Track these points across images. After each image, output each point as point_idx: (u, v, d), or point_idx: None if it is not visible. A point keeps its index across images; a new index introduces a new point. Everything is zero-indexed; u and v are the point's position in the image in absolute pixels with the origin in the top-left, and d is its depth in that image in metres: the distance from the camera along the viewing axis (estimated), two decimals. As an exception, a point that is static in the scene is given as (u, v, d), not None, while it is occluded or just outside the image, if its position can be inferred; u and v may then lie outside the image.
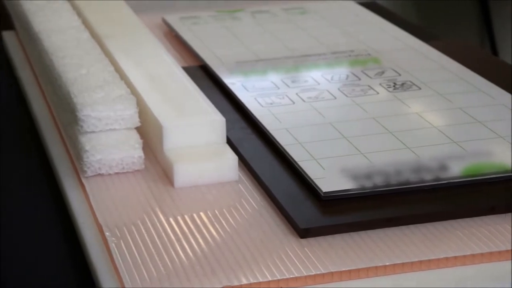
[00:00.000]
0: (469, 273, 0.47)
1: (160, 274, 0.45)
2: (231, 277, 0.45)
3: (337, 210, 0.51)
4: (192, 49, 0.75)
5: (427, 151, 0.56)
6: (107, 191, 0.54)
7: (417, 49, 0.74)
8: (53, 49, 0.64)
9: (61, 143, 0.61)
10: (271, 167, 0.56)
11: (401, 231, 0.49)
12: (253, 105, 0.63)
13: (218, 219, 0.50)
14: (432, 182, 0.53)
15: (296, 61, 0.71)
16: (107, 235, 0.49)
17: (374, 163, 0.55)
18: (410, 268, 0.47)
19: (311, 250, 0.47)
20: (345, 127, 0.59)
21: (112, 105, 0.55)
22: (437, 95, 0.65)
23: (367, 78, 0.68)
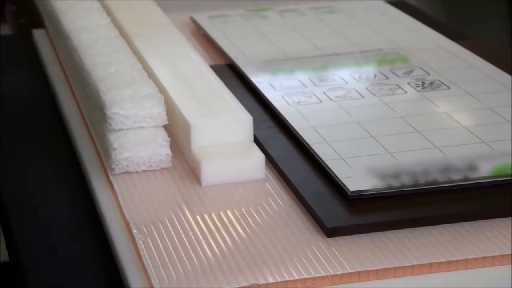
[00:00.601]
0: (498, 273, 0.46)
1: (187, 272, 0.45)
2: (257, 276, 0.45)
3: (364, 209, 0.50)
4: (220, 48, 0.74)
5: (456, 151, 0.55)
6: (135, 188, 0.54)
7: (446, 48, 0.73)
8: (82, 47, 0.65)
9: (89, 140, 0.61)
10: (298, 166, 0.56)
11: (429, 231, 0.49)
12: (280, 103, 0.63)
13: (244, 218, 0.50)
14: (461, 182, 0.52)
15: (324, 60, 0.71)
16: (134, 233, 0.49)
17: (401, 162, 0.54)
18: (438, 268, 0.46)
19: (338, 249, 0.47)
20: (372, 126, 0.59)
21: (140, 103, 0.55)
22: (466, 94, 0.64)
23: (395, 77, 0.67)
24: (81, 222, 0.53)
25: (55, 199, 0.56)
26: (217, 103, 0.58)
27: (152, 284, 0.45)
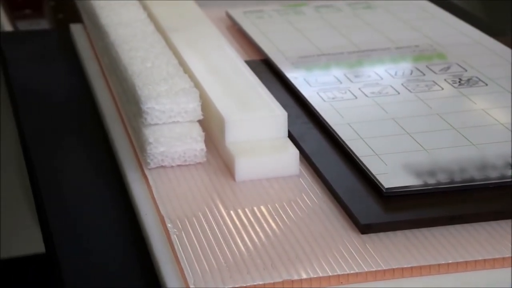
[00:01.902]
0: (534, 273, 0.45)
1: (220, 266, 0.45)
2: (291, 271, 0.45)
3: (399, 206, 0.50)
4: (255, 43, 0.74)
5: (493, 148, 0.55)
6: (169, 183, 0.54)
7: (484, 45, 0.72)
8: (119, 41, 0.65)
9: (125, 134, 0.61)
10: (332, 162, 0.55)
11: (465, 229, 0.48)
12: (315, 99, 0.63)
13: (278, 213, 0.50)
14: (498, 180, 0.52)
15: (359, 55, 0.71)
16: (169, 227, 0.49)
17: (437, 159, 0.54)
18: (474, 267, 0.46)
19: (372, 246, 0.47)
20: (408, 123, 0.59)
21: (176, 98, 0.56)
22: (504, 91, 0.63)
23: (432, 74, 0.67)
24: (116, 215, 0.54)
25: (91, 192, 0.56)
26: (252, 99, 0.58)
27: (186, 278, 0.45)
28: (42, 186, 0.57)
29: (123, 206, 0.54)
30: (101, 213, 0.54)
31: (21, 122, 0.67)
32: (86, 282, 0.47)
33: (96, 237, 0.51)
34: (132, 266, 0.49)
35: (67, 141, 0.64)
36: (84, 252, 0.50)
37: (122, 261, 0.49)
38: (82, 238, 0.51)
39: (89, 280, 0.47)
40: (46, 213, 0.54)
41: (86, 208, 0.55)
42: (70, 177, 0.58)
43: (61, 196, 0.56)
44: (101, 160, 0.60)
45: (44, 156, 0.62)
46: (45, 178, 0.58)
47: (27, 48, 0.81)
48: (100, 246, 0.50)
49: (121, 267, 0.49)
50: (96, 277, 0.48)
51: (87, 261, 0.49)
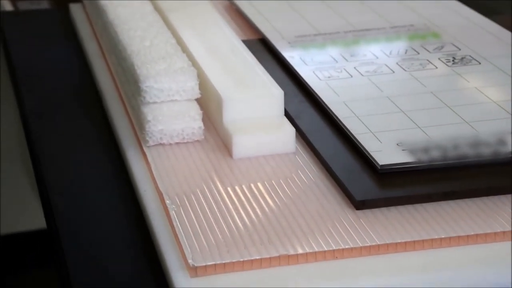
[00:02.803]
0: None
1: (218, 241, 0.46)
2: (287, 246, 0.45)
3: (394, 183, 0.50)
4: (252, 23, 0.74)
5: (486, 126, 0.55)
6: (168, 160, 0.54)
7: (478, 24, 0.72)
8: (118, 21, 0.65)
9: (124, 113, 0.61)
10: (328, 140, 0.55)
11: (458, 205, 0.48)
12: (311, 78, 0.63)
13: (275, 190, 0.50)
14: (490, 157, 0.52)
15: (355, 35, 0.71)
16: (167, 203, 0.49)
17: (431, 137, 0.54)
18: (466, 241, 0.46)
19: (367, 221, 0.47)
20: (402, 101, 0.59)
21: (174, 77, 0.56)
22: (497, 70, 0.63)
23: (426, 53, 0.66)
24: (115, 192, 0.54)
25: (91, 169, 0.57)
26: (249, 78, 0.58)
27: (184, 253, 0.45)
28: (43, 163, 0.57)
29: (122, 183, 0.54)
30: (101, 190, 0.54)
31: (22, 101, 0.67)
32: (86, 258, 0.48)
33: (96, 213, 0.52)
34: (131, 242, 0.49)
35: (67, 119, 0.64)
36: (85, 228, 0.50)
37: (122, 236, 0.49)
38: (83, 215, 0.51)
39: (89, 256, 0.48)
40: (47, 190, 0.55)
41: (86, 185, 0.55)
42: (71, 155, 0.58)
43: (62, 174, 0.56)
44: (101, 138, 0.60)
45: (44, 134, 0.61)
46: (46, 156, 0.58)
47: (28, 27, 0.81)
48: (100, 223, 0.51)
49: (121, 242, 0.49)
50: (96, 253, 0.48)
51: (87, 238, 0.49)
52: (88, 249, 0.48)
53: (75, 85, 0.69)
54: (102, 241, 0.49)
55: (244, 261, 0.44)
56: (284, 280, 0.44)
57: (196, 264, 0.44)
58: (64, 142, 0.60)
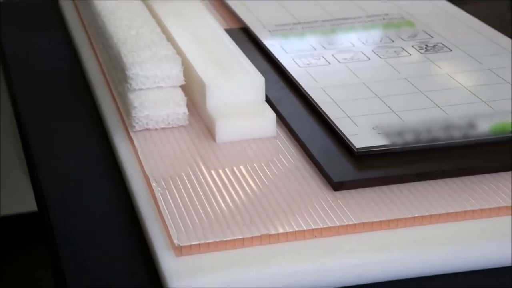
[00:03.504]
0: (495, 225, 0.46)
1: (202, 222, 0.45)
2: (269, 226, 0.45)
3: (370, 165, 0.50)
4: (234, 12, 0.74)
5: (457, 110, 0.55)
6: (154, 145, 0.54)
7: (449, 13, 0.72)
8: (105, 11, 0.64)
9: (111, 100, 0.61)
10: (307, 124, 0.55)
11: (430, 185, 0.48)
12: (291, 66, 0.62)
13: (257, 173, 0.50)
14: (461, 139, 0.52)
15: (333, 24, 0.70)
16: (153, 186, 0.49)
17: (405, 121, 0.54)
18: (437, 219, 0.46)
19: (344, 202, 0.47)
20: (378, 87, 0.58)
21: (159, 64, 0.55)
22: (467, 56, 0.63)
23: (400, 41, 0.66)
24: (103, 175, 0.53)
25: (80, 154, 0.56)
26: (231, 65, 0.58)
27: (170, 234, 0.45)
28: (34, 148, 0.57)
29: (110, 167, 0.54)
30: (89, 174, 0.54)
31: (13, 88, 0.67)
32: (76, 239, 0.47)
33: (84, 196, 0.51)
34: (119, 223, 0.49)
35: (56, 105, 0.63)
36: (74, 211, 0.50)
37: (109, 218, 0.49)
38: (72, 197, 0.51)
39: (79, 237, 0.47)
40: (37, 173, 0.54)
41: (75, 168, 0.54)
42: (60, 140, 0.58)
43: (52, 157, 0.56)
44: (89, 124, 0.60)
45: (35, 120, 0.61)
46: (36, 141, 0.58)
47: (19, 17, 0.80)
48: (88, 205, 0.50)
49: (108, 224, 0.49)
50: (85, 234, 0.47)
51: (76, 218, 0.49)
52: (77, 231, 0.48)
53: (64, 73, 0.69)
54: (90, 223, 0.48)
55: (227, 240, 0.44)
56: (266, 259, 0.44)
57: (181, 243, 0.44)
58: (53, 127, 0.60)
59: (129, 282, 0.44)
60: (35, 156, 0.56)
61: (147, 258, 0.45)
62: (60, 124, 0.60)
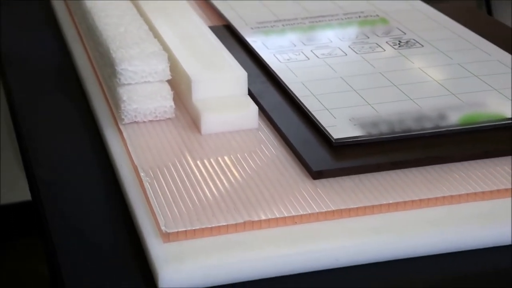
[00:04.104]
0: (465, 210, 0.46)
1: (188, 210, 0.45)
2: (251, 213, 0.45)
3: (347, 155, 0.50)
4: (218, 10, 0.73)
5: (428, 102, 0.55)
6: (142, 136, 0.53)
7: (421, 11, 0.72)
8: (95, 9, 0.63)
9: (101, 94, 0.60)
10: (288, 116, 0.55)
11: (404, 174, 0.48)
12: (272, 61, 0.62)
13: (240, 163, 0.50)
14: (432, 130, 0.52)
15: (311, 21, 0.70)
16: (142, 176, 0.48)
17: (380, 113, 0.54)
18: (411, 206, 0.46)
19: (323, 190, 0.47)
20: (354, 81, 0.58)
21: (147, 60, 0.55)
22: (438, 52, 0.63)
23: (375, 37, 0.66)
24: (94, 166, 0.53)
25: (72, 146, 0.56)
26: (215, 60, 0.57)
27: (158, 221, 0.44)
28: (27, 141, 0.56)
29: (101, 158, 0.53)
30: (81, 164, 0.53)
31: (7, 84, 0.66)
32: (68, 227, 0.47)
33: (76, 186, 0.51)
34: (110, 211, 0.48)
35: (48, 100, 0.62)
36: (67, 200, 0.49)
37: (101, 206, 0.49)
38: (64, 187, 0.51)
39: (71, 225, 0.47)
40: (31, 165, 0.53)
41: (67, 160, 0.54)
42: (52, 133, 0.57)
43: (45, 149, 0.55)
44: (80, 117, 0.59)
45: (29, 113, 0.60)
46: (30, 133, 0.57)
47: (12, 16, 0.79)
48: (80, 195, 0.50)
49: (100, 212, 0.48)
50: (77, 222, 0.47)
51: (68, 207, 0.48)
52: (69, 218, 0.47)
53: (56, 68, 0.68)
54: (83, 211, 0.48)
55: (213, 227, 0.44)
56: (249, 244, 0.43)
57: (169, 230, 0.43)
58: (46, 120, 0.59)
59: (119, 267, 0.43)
60: (29, 148, 0.55)
61: (136, 244, 0.45)
62: (53, 117, 0.59)
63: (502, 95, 0.56)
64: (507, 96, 0.55)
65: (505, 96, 0.55)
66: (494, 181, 0.47)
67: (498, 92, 0.56)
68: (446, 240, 0.44)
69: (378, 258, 0.44)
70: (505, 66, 0.60)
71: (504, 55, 0.62)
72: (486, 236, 0.44)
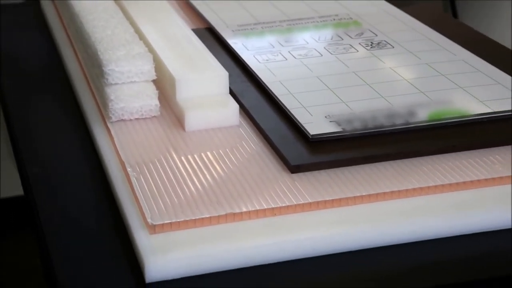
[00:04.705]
0: (433, 201, 0.46)
1: (173, 203, 0.45)
2: (233, 206, 0.44)
3: (323, 150, 0.50)
4: (200, 14, 0.73)
5: (399, 100, 0.55)
6: (129, 134, 0.53)
7: (392, 14, 0.72)
8: (83, 13, 0.63)
9: (90, 94, 0.59)
10: (267, 114, 0.55)
11: (376, 167, 0.48)
12: (252, 61, 0.62)
13: (222, 158, 0.49)
14: (402, 126, 0.52)
15: (289, 24, 0.70)
16: (129, 171, 0.48)
17: (354, 110, 0.53)
18: (383, 197, 0.46)
19: (300, 183, 0.47)
20: (329, 80, 0.58)
21: (133, 61, 0.54)
22: (407, 52, 0.63)
23: (348, 38, 0.66)
24: (83, 162, 0.52)
25: (62, 143, 0.55)
26: (198, 61, 0.57)
27: (144, 214, 0.44)
28: (19, 139, 0.55)
29: (89, 154, 0.53)
30: (71, 160, 0.52)
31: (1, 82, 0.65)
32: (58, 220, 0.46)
33: (66, 182, 0.50)
34: (98, 205, 0.48)
35: (40, 99, 0.61)
36: (57, 193, 0.49)
37: (90, 200, 0.48)
38: (55, 182, 0.50)
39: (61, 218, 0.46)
40: (23, 161, 0.53)
41: (57, 156, 0.53)
42: (43, 132, 0.57)
43: (36, 147, 0.54)
44: (70, 115, 0.58)
45: (20, 112, 0.59)
46: (21, 132, 0.56)
47: (4, 20, 0.78)
48: (70, 190, 0.49)
49: (89, 205, 0.48)
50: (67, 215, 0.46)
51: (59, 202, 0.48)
52: (59, 212, 0.47)
53: (46, 69, 0.67)
54: (72, 205, 0.47)
55: (196, 219, 0.43)
56: (231, 235, 0.43)
57: (154, 222, 0.43)
58: (37, 118, 0.58)
59: (108, 258, 0.43)
60: (21, 146, 0.54)
61: (124, 236, 0.44)
62: (44, 116, 0.59)
63: (467, 92, 0.56)
64: (472, 93, 0.56)
65: (470, 93, 0.56)
66: (461, 173, 0.47)
67: (463, 90, 0.56)
68: (416, 229, 0.44)
69: (353, 247, 0.44)
70: (470, 66, 0.60)
71: (468, 55, 0.62)
72: (454, 225, 0.44)
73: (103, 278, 0.41)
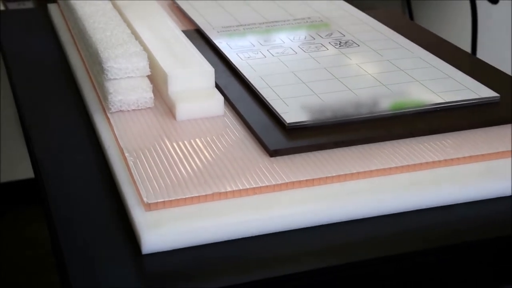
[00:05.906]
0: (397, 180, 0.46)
1: (166, 184, 0.44)
2: (219, 186, 0.44)
3: (298, 136, 0.49)
4: (189, 17, 0.71)
5: (364, 92, 0.54)
6: (126, 123, 0.52)
7: (357, 17, 0.71)
8: (85, 16, 0.61)
9: (92, 87, 0.58)
10: (249, 105, 0.54)
11: (345, 151, 0.48)
12: (235, 59, 0.61)
13: (209, 144, 0.49)
14: (367, 115, 0.51)
15: (267, 25, 0.69)
16: (127, 155, 0.47)
17: (325, 101, 0.53)
18: (350, 177, 0.46)
19: (278, 165, 0.46)
20: (303, 75, 0.57)
21: (130, 59, 0.53)
22: (371, 50, 0.62)
23: (320, 38, 0.65)
24: (86, 148, 0.51)
25: (67, 131, 0.54)
26: (187, 59, 0.56)
27: (141, 194, 0.43)
28: (29, 127, 0.54)
29: (92, 141, 0.52)
30: (75, 147, 0.51)
31: (12, 79, 0.63)
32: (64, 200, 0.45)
33: (71, 165, 0.49)
34: (100, 185, 0.47)
35: (47, 93, 0.60)
36: (63, 175, 0.48)
37: (92, 181, 0.47)
38: (61, 166, 0.49)
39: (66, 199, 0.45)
40: (33, 146, 0.52)
41: (63, 143, 0.52)
42: (51, 120, 0.55)
43: (44, 134, 0.53)
44: (74, 107, 0.57)
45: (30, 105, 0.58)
46: (31, 121, 0.55)
47: (16, 23, 0.76)
48: (74, 172, 0.48)
49: (91, 186, 0.47)
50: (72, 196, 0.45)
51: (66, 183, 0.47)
52: (65, 193, 0.46)
53: (53, 67, 0.66)
54: (76, 186, 0.46)
55: (186, 198, 0.43)
56: (217, 212, 0.42)
57: (150, 201, 0.42)
58: (45, 110, 0.57)
59: (108, 232, 0.42)
60: (31, 134, 0.53)
61: (122, 213, 0.43)
62: (51, 108, 0.57)
63: (423, 85, 0.55)
64: (427, 86, 0.55)
65: (425, 86, 0.55)
66: (418, 156, 0.47)
67: (420, 83, 0.56)
68: (378, 205, 0.44)
69: (324, 221, 0.43)
70: (425, 62, 0.60)
71: (423, 52, 0.62)
72: (411, 200, 0.44)
73: (104, 249, 0.41)
